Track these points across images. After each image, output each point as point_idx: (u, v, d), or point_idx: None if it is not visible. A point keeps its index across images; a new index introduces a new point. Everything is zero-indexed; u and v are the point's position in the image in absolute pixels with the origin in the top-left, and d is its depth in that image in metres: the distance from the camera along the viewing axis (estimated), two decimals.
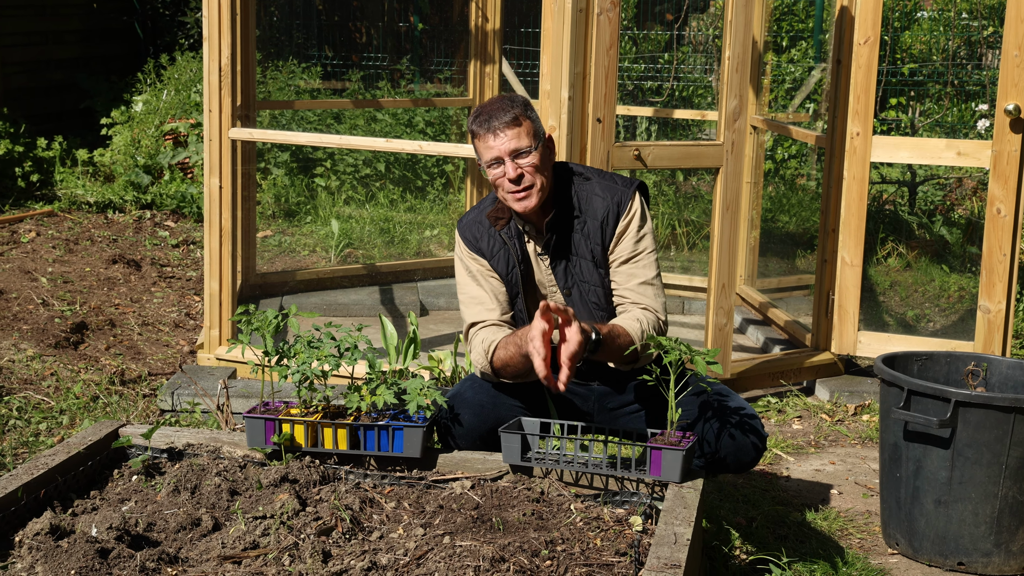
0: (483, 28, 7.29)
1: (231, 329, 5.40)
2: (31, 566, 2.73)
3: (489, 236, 3.59)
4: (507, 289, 3.60)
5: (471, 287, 3.61)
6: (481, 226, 3.61)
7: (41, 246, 7.10)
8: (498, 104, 3.48)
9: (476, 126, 3.47)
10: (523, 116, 3.44)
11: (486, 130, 3.44)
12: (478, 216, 3.63)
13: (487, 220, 3.59)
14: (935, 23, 9.69)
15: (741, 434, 3.47)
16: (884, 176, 8.92)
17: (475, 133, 3.48)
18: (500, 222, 3.57)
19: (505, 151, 3.42)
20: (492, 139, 3.43)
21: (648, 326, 3.46)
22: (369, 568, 2.72)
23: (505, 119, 3.42)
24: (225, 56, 5.23)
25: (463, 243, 3.62)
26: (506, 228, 3.57)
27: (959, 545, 3.78)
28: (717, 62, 10.34)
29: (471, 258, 3.60)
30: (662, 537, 2.80)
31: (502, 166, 3.43)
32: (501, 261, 3.57)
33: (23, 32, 10.04)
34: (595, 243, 3.53)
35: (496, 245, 3.58)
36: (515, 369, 3.46)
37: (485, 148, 3.45)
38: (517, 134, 3.42)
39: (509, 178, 3.43)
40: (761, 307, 6.54)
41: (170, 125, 8.95)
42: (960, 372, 4.07)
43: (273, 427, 3.36)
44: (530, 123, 3.45)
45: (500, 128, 3.42)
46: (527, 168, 3.42)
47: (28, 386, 5.07)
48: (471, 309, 3.60)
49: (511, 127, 3.42)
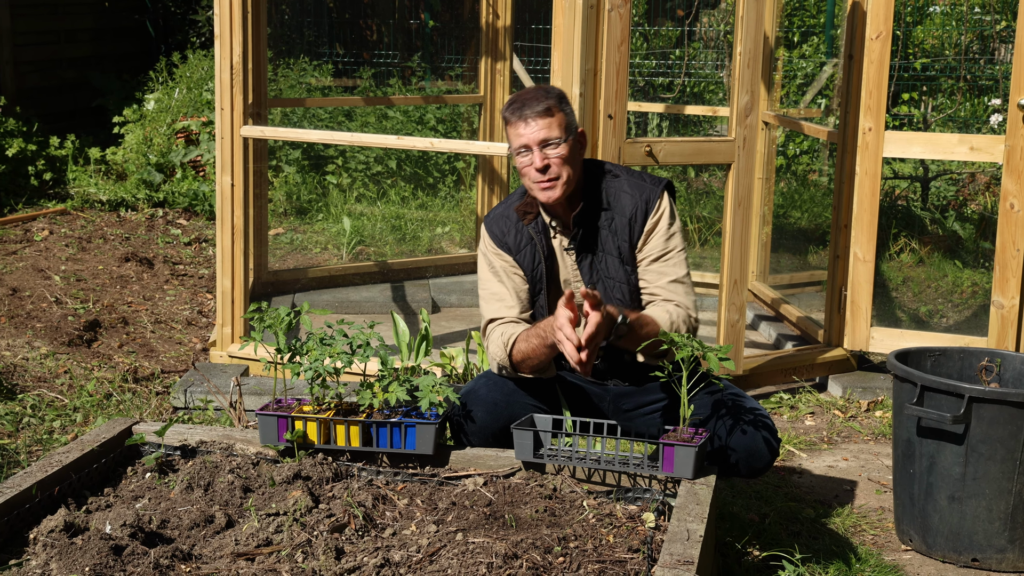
0: (494, 25, 7.28)
1: (243, 326, 5.41)
2: (46, 563, 2.74)
3: (516, 231, 3.59)
4: (530, 286, 3.60)
5: (492, 283, 3.61)
6: (508, 220, 3.61)
7: (54, 244, 7.12)
8: (533, 94, 3.49)
9: (509, 113, 3.48)
10: (556, 108, 3.45)
11: (518, 117, 3.45)
12: (505, 211, 3.64)
13: (515, 214, 3.60)
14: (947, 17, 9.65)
15: (754, 440, 3.45)
16: (896, 171, 8.90)
17: (507, 120, 3.49)
18: (528, 216, 3.57)
19: (534, 140, 3.42)
20: (523, 127, 3.44)
21: (678, 319, 3.47)
22: (382, 565, 2.73)
23: (538, 108, 3.43)
24: (237, 54, 5.23)
25: (489, 238, 3.62)
26: (534, 223, 3.57)
27: (973, 541, 3.77)
28: (728, 58, 10.32)
29: (495, 254, 3.60)
30: (675, 533, 2.80)
31: (530, 154, 3.44)
32: (527, 256, 3.57)
33: (36, 31, 10.07)
34: (622, 240, 3.53)
35: (523, 240, 3.58)
36: (535, 362, 3.46)
37: (515, 135, 3.46)
38: (548, 124, 3.43)
39: (536, 167, 3.43)
40: (773, 303, 6.53)
41: (182, 123, 8.97)
42: (973, 368, 4.06)
43: (286, 424, 3.36)
44: (563, 115, 3.46)
45: (532, 117, 3.43)
46: (554, 159, 3.43)
47: (42, 384, 5.09)
48: (490, 305, 3.60)
49: (542, 117, 3.43)
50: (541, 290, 3.59)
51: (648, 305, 3.57)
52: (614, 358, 3.64)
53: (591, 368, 3.25)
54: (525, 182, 3.51)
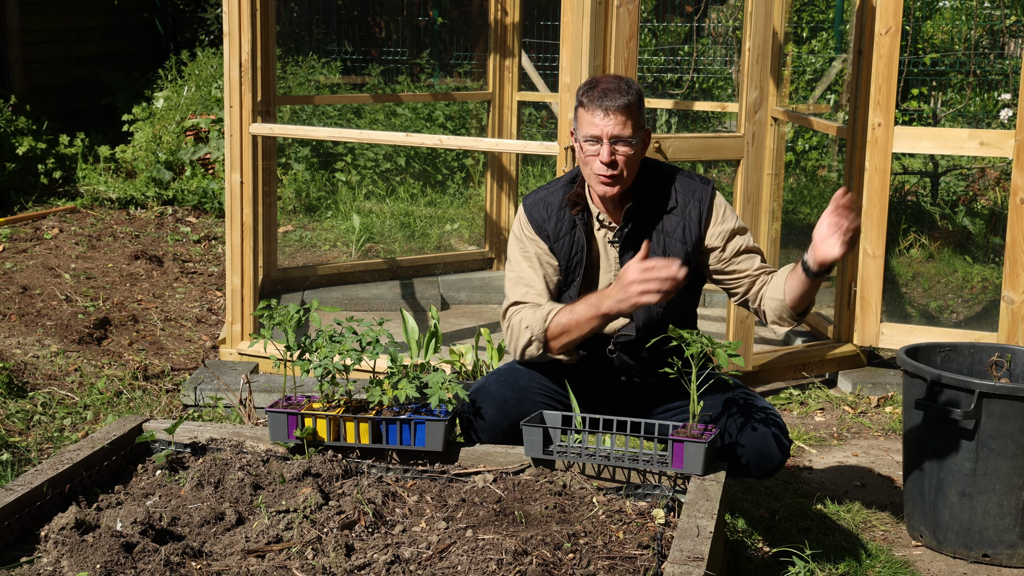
0: (502, 22, 7.28)
1: (253, 324, 5.42)
2: (57, 560, 2.75)
3: (557, 218, 3.55)
4: (562, 275, 3.57)
5: (523, 267, 3.58)
6: (550, 207, 3.56)
7: (64, 242, 7.14)
8: (615, 84, 3.42)
9: (587, 98, 3.41)
10: (635, 105, 3.40)
11: (597, 105, 3.38)
12: (548, 196, 3.59)
13: (557, 201, 3.56)
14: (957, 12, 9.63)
15: (764, 440, 3.44)
16: (906, 167, 8.88)
17: (583, 103, 3.42)
18: (577, 207, 3.53)
19: (608, 133, 3.37)
20: (600, 116, 3.38)
21: None
22: (392, 561, 2.73)
23: (620, 102, 3.37)
24: (245, 52, 5.24)
25: (527, 221, 3.58)
26: (580, 213, 3.54)
27: (984, 537, 3.77)
28: (737, 53, 10.30)
29: (531, 239, 3.57)
30: (685, 530, 2.80)
31: (599, 145, 3.39)
32: (565, 245, 3.54)
33: (45, 30, 10.10)
34: (673, 239, 3.51)
35: (563, 228, 3.54)
36: (574, 336, 3.43)
37: (589, 123, 3.40)
38: (625, 122, 3.38)
39: (603, 160, 3.38)
40: None
41: (191, 121, 8.98)
42: (984, 363, 4.05)
43: (296, 421, 3.37)
44: (639, 115, 3.42)
45: (612, 109, 3.37)
46: (621, 157, 3.39)
47: (52, 382, 5.10)
48: (517, 289, 3.56)
49: (622, 112, 3.37)
50: (575, 280, 3.57)
51: (762, 279, 3.59)
52: (632, 353, 3.63)
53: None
54: (585, 170, 3.46)
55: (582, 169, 3.49)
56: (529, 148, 5.39)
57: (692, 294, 3.68)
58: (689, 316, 3.72)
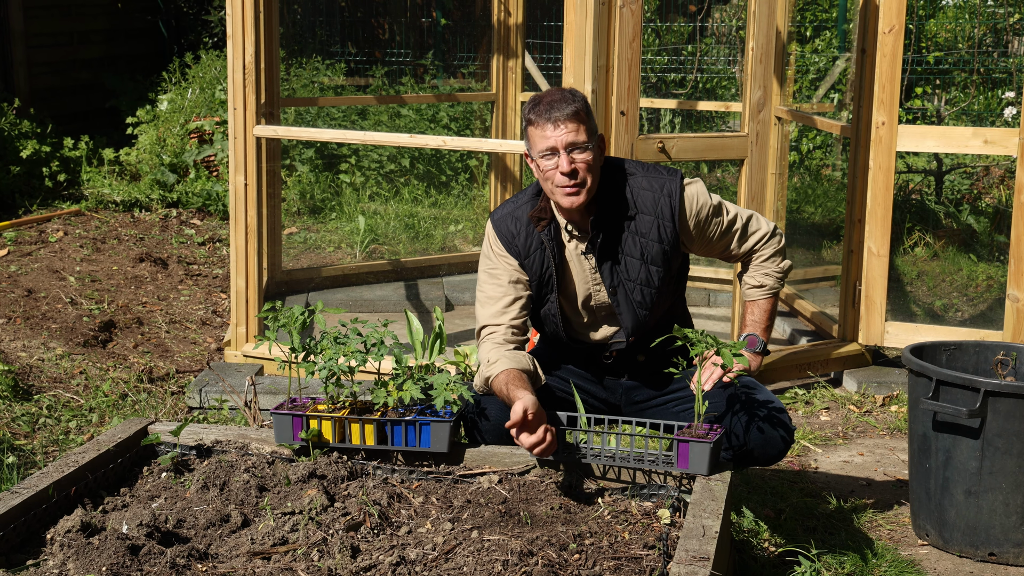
0: (505, 22, 7.28)
1: (258, 326, 5.42)
2: (63, 563, 2.75)
3: (527, 233, 3.52)
4: (535, 290, 3.54)
5: (490, 286, 3.55)
6: (519, 222, 3.53)
7: (69, 245, 7.15)
8: (559, 95, 3.41)
9: (534, 115, 3.40)
10: (583, 112, 3.39)
11: (545, 119, 3.37)
12: (515, 211, 3.56)
13: (525, 218, 3.52)
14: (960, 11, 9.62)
15: (769, 427, 3.44)
16: (910, 165, 8.87)
17: (532, 121, 3.40)
18: (542, 223, 3.50)
19: (562, 143, 3.35)
20: (551, 129, 3.36)
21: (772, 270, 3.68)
22: (398, 563, 2.73)
23: (567, 111, 3.36)
24: (249, 54, 5.24)
25: (496, 238, 3.55)
26: (546, 229, 3.51)
27: (990, 535, 3.76)
28: (741, 53, 10.29)
29: (500, 255, 3.54)
30: (690, 530, 2.79)
31: (555, 158, 3.37)
32: (536, 260, 3.51)
33: (49, 32, 10.11)
34: (649, 239, 3.49)
35: (533, 244, 3.51)
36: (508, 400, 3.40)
37: (541, 137, 3.38)
38: (576, 128, 3.36)
39: (562, 171, 3.36)
40: (787, 298, 6.52)
41: (195, 123, 8.99)
42: (989, 362, 4.04)
43: (301, 423, 3.37)
44: (588, 120, 3.40)
45: (561, 119, 3.35)
46: (581, 164, 3.36)
47: (58, 384, 5.11)
48: (485, 309, 3.55)
49: (571, 120, 3.35)
50: (549, 295, 3.55)
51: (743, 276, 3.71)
52: (627, 358, 3.64)
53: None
54: (547, 186, 3.43)
55: (544, 187, 3.45)
56: None
57: (677, 286, 3.68)
58: (680, 309, 3.73)
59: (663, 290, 3.54)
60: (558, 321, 3.57)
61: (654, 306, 3.53)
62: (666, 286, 3.55)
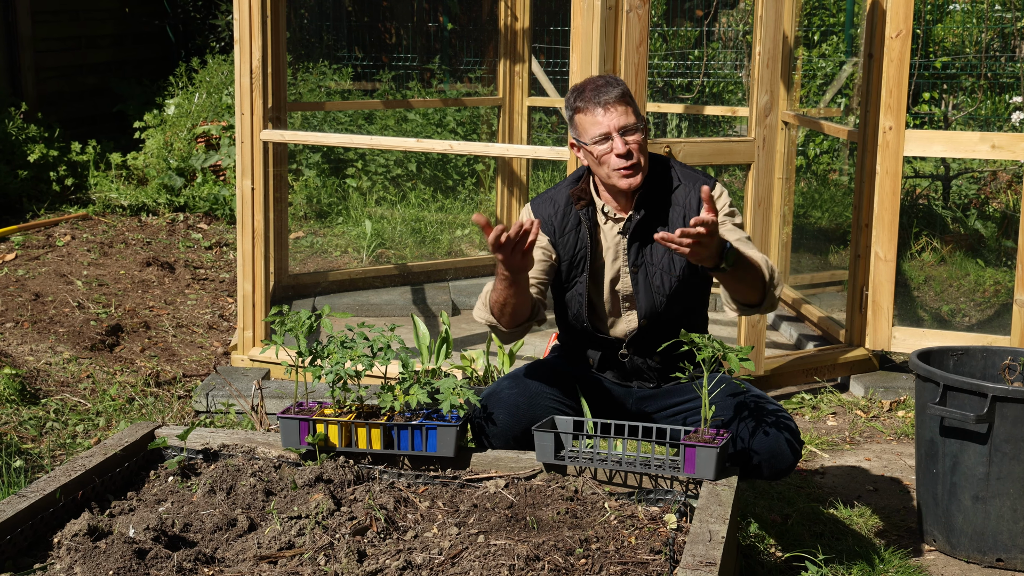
0: (512, 27, 7.29)
1: (264, 330, 5.43)
2: (70, 567, 2.75)
3: (564, 214, 3.58)
4: (565, 271, 3.58)
5: None
6: (556, 203, 3.60)
7: (76, 249, 7.16)
8: (603, 81, 3.47)
9: (582, 101, 3.45)
10: (628, 94, 3.45)
11: (595, 104, 3.42)
12: (554, 195, 3.63)
13: (566, 198, 3.58)
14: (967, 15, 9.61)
15: (776, 441, 3.43)
16: (917, 170, 8.86)
17: (579, 108, 3.46)
18: (581, 202, 3.56)
19: (615, 126, 3.40)
20: (602, 113, 3.41)
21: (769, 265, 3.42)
22: (404, 567, 2.73)
23: (614, 94, 3.42)
24: (256, 58, 5.25)
25: (533, 216, 3.56)
26: (585, 209, 3.56)
27: (997, 541, 3.75)
28: (747, 58, 10.29)
29: None
30: (697, 535, 2.79)
31: (610, 141, 3.42)
32: (571, 239, 3.57)
33: (57, 37, 10.13)
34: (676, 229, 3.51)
35: (570, 223, 3.57)
36: (508, 301, 3.39)
37: (592, 123, 3.43)
38: (626, 110, 3.42)
39: (618, 153, 3.41)
40: (794, 303, 6.51)
41: (202, 128, 9.00)
42: (997, 367, 4.04)
43: (307, 427, 3.37)
44: (634, 103, 3.46)
45: (610, 102, 3.41)
46: (634, 145, 3.42)
47: (65, 388, 5.12)
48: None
49: (620, 103, 3.42)
50: (579, 276, 3.58)
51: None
52: (641, 357, 3.63)
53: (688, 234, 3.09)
54: (602, 171, 3.48)
55: (598, 171, 3.50)
56: (539, 153, 5.40)
57: (700, 290, 3.67)
58: (699, 317, 3.72)
59: (684, 282, 3.55)
60: (583, 302, 3.58)
61: (671, 295, 3.54)
62: (687, 279, 3.56)
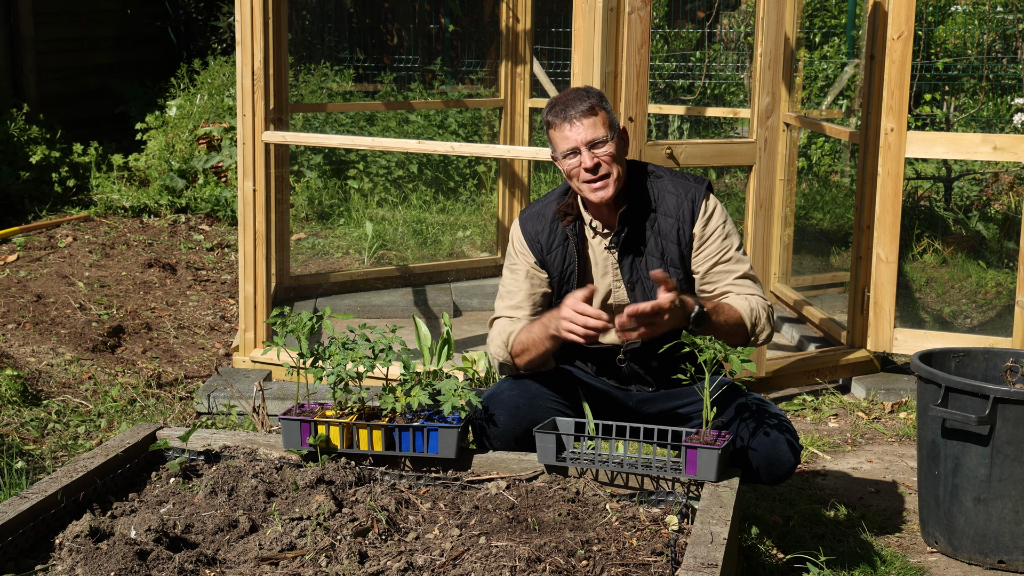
0: (514, 28, 7.29)
1: (266, 331, 5.43)
2: (71, 568, 2.75)
3: (550, 230, 3.59)
4: (555, 286, 3.60)
5: (509, 281, 3.65)
6: (543, 219, 3.61)
7: (78, 251, 7.16)
8: (573, 94, 3.48)
9: (552, 116, 3.48)
10: (598, 106, 3.45)
11: (562, 119, 3.44)
12: (541, 209, 3.64)
13: (551, 213, 3.60)
14: (969, 17, 9.61)
15: (775, 445, 3.43)
16: (919, 172, 8.86)
17: (551, 123, 3.48)
18: (568, 217, 3.57)
19: (582, 140, 3.42)
20: (568, 129, 3.43)
21: (758, 306, 3.47)
22: (405, 569, 2.73)
23: (581, 108, 3.43)
24: (258, 60, 5.25)
25: (521, 235, 3.63)
26: (572, 224, 3.57)
27: (999, 543, 3.75)
28: (749, 59, 10.29)
29: (520, 252, 3.62)
30: (698, 536, 2.79)
31: (578, 156, 3.44)
32: (558, 256, 3.58)
33: (59, 39, 10.14)
34: (668, 241, 3.53)
35: (556, 239, 3.58)
36: (534, 354, 3.49)
37: (561, 138, 3.46)
38: (593, 124, 3.42)
39: (585, 167, 3.43)
40: (796, 305, 6.51)
41: (204, 129, 9.00)
42: (998, 368, 4.03)
43: (309, 429, 3.37)
44: (605, 114, 3.46)
45: (576, 117, 3.42)
46: (603, 157, 3.42)
47: (66, 390, 5.12)
48: (502, 302, 3.65)
49: (587, 116, 3.42)
50: (569, 291, 3.58)
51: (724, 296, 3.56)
52: (641, 362, 3.63)
53: (642, 332, 3.21)
54: (575, 184, 3.50)
55: (572, 185, 3.53)
56: (541, 154, 5.39)
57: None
58: None
59: (681, 292, 3.55)
60: None
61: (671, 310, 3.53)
62: (684, 291, 3.55)
